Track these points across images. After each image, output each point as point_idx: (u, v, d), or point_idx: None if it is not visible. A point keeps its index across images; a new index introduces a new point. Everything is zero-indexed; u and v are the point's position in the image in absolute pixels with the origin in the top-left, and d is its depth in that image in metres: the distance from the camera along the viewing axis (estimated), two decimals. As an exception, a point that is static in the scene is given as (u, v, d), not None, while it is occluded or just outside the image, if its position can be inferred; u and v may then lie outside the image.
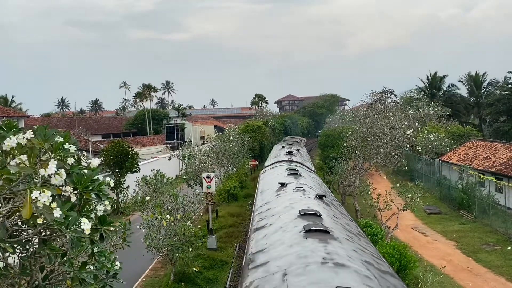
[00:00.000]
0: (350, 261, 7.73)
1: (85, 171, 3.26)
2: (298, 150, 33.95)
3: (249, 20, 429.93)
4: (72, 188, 3.13)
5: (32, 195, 2.79)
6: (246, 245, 11.20)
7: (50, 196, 2.82)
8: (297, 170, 19.78)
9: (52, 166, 2.93)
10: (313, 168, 26.88)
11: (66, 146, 3.16)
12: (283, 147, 34.96)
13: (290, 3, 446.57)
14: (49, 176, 2.96)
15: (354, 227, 11.97)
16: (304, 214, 10.81)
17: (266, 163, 27.50)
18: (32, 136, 3.04)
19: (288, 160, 24.77)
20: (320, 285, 6.41)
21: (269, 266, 8.02)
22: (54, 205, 2.83)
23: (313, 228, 9.41)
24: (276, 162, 25.03)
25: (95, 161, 3.39)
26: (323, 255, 7.79)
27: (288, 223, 10.63)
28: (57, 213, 2.84)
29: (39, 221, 2.86)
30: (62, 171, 3.01)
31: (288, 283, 6.75)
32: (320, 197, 13.95)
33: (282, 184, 16.16)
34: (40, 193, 2.79)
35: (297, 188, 15.07)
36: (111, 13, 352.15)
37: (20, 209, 2.88)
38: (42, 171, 2.92)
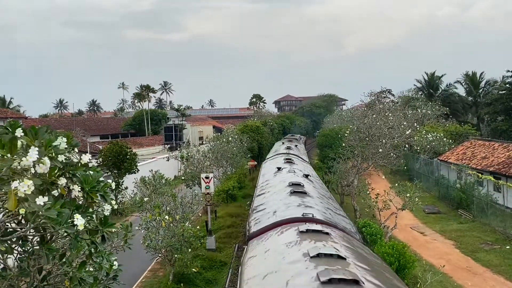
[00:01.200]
0: (316, 206, 13.11)
1: (91, 172, 3.25)
2: (296, 145, 39.01)
3: (247, 20, 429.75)
4: (79, 188, 3.11)
5: (12, 185, 2.72)
6: (251, 205, 17.14)
7: (32, 185, 2.75)
8: (292, 160, 24.52)
9: (33, 153, 2.84)
10: (306, 159, 32.14)
11: (57, 143, 3.12)
12: (283, 143, 40.03)
13: (288, 3, 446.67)
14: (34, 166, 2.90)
15: (328, 194, 17.85)
16: (292, 185, 15.71)
17: (268, 156, 32.42)
18: (22, 134, 2.99)
19: (286, 153, 29.16)
20: (293, 213, 12.00)
21: (265, 210, 13.65)
22: (41, 199, 2.78)
23: (296, 190, 14.62)
24: (276, 155, 29.83)
25: (86, 157, 3.36)
26: (299, 203, 13.26)
27: (280, 190, 15.88)
28: (40, 201, 2.77)
29: (21, 211, 2.80)
30: (46, 159, 2.93)
31: (276, 214, 12.34)
32: (306, 176, 19.33)
33: (279, 168, 21.00)
34: (19, 183, 2.72)
35: (289, 171, 19.89)
36: (110, 13, 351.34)
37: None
38: (24, 160, 2.83)
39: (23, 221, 3.08)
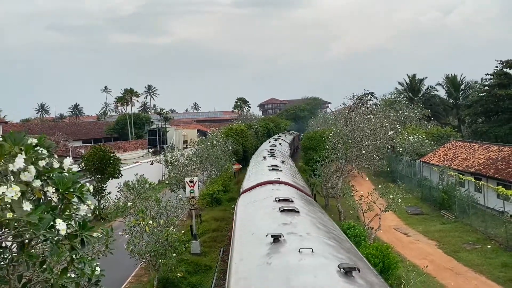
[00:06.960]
0: (278, 155, 29.44)
1: (66, 174, 3.22)
2: (285, 135, 60.17)
3: (232, 25, 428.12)
4: (54, 189, 3.07)
5: None
6: (255, 152, 38.64)
7: (19, 192, 2.76)
8: (277, 140, 46.74)
9: (20, 160, 2.86)
10: (288, 142, 51.73)
11: (37, 148, 3.11)
12: (278, 134, 62.89)
13: (273, 7, 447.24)
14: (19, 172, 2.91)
15: (285, 152, 37.97)
16: (272, 145, 38.61)
17: (269, 139, 51.87)
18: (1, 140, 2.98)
19: (277, 138, 52.11)
20: (267, 155, 28.65)
21: (259, 154, 33.48)
22: (28, 205, 2.80)
23: (271, 151, 31.18)
24: (272, 138, 51.92)
25: (67, 161, 3.33)
26: (272, 149, 34.02)
27: (266, 149, 34.91)
28: (27, 206, 2.77)
29: (9, 215, 2.79)
30: (31, 167, 2.94)
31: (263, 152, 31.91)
32: (280, 143, 43.52)
33: (269, 142, 43.60)
34: (7, 188, 2.72)
35: (274, 142, 43.09)
36: (93, 17, 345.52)
37: None
38: (10, 166, 2.86)
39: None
